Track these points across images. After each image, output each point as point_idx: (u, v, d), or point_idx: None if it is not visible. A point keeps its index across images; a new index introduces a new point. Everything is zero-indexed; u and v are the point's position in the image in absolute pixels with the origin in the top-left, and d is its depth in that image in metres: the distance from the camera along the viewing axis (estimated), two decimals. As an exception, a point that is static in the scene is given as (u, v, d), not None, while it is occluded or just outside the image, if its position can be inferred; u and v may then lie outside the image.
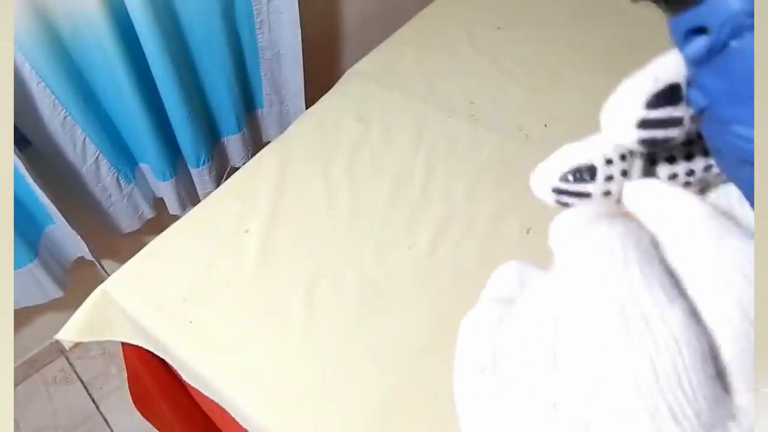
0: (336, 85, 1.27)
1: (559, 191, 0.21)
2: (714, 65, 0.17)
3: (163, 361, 0.94)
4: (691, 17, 0.17)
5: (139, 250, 0.97)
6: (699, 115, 0.19)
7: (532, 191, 0.23)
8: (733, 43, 0.16)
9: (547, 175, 0.22)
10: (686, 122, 0.19)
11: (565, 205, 0.22)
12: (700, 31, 0.17)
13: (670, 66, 0.19)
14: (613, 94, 0.20)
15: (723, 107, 0.18)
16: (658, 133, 0.19)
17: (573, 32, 1.35)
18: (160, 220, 1.29)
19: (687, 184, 0.21)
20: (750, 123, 0.17)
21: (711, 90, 0.18)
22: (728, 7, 0.16)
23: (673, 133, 0.19)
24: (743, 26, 0.16)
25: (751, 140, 0.17)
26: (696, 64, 0.18)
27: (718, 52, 0.17)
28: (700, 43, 0.17)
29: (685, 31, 0.17)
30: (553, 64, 1.28)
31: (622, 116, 0.19)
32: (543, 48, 1.32)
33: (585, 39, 1.33)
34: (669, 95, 0.19)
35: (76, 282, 1.22)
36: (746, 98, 0.16)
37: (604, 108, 0.20)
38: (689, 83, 0.19)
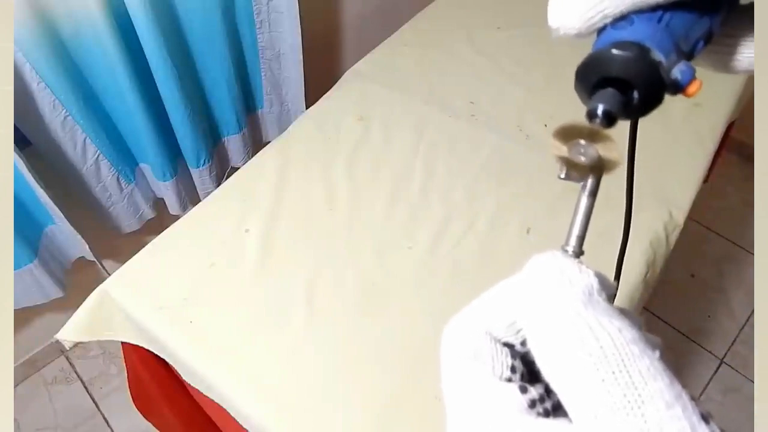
0: (336, 85, 1.27)
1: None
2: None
3: (163, 361, 0.94)
4: None
5: (139, 250, 0.97)
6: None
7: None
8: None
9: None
10: None
11: None
12: None
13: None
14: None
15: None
16: None
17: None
18: (160, 220, 1.29)
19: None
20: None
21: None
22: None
23: None
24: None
25: None
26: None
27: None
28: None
29: None
30: (553, 64, 1.28)
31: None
32: (543, 48, 1.32)
33: (582, 41, 1.33)
34: None
35: (77, 282, 1.22)
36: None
37: None
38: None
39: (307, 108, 1.28)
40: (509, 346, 0.21)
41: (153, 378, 1.02)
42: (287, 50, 1.26)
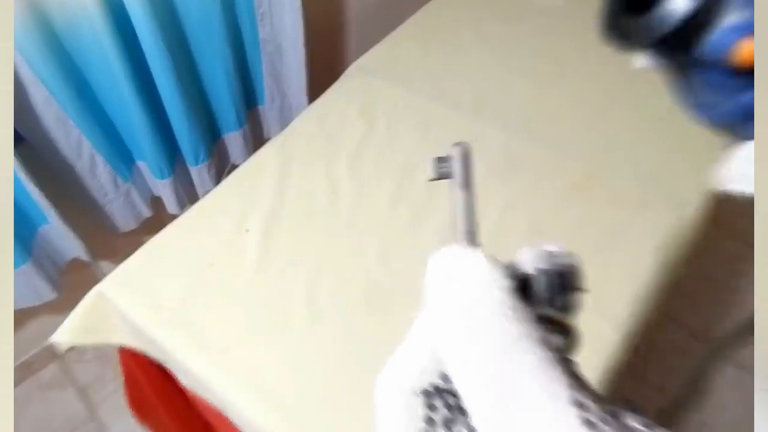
0: (339, 80, 1.26)
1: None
2: None
3: (160, 365, 0.92)
4: None
5: (136, 250, 0.96)
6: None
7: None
8: None
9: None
10: None
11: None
12: None
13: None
14: None
15: None
16: None
17: (579, 26, 1.33)
18: (158, 219, 1.28)
19: None
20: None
21: None
22: None
23: None
24: None
25: None
26: None
27: None
28: None
29: None
30: (559, 58, 1.27)
31: None
32: (549, 41, 1.31)
33: (591, 33, 1.31)
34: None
35: (72, 283, 1.20)
36: None
37: None
38: None
39: (309, 103, 1.27)
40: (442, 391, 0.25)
41: (149, 382, 1.01)
42: (289, 44, 1.25)
